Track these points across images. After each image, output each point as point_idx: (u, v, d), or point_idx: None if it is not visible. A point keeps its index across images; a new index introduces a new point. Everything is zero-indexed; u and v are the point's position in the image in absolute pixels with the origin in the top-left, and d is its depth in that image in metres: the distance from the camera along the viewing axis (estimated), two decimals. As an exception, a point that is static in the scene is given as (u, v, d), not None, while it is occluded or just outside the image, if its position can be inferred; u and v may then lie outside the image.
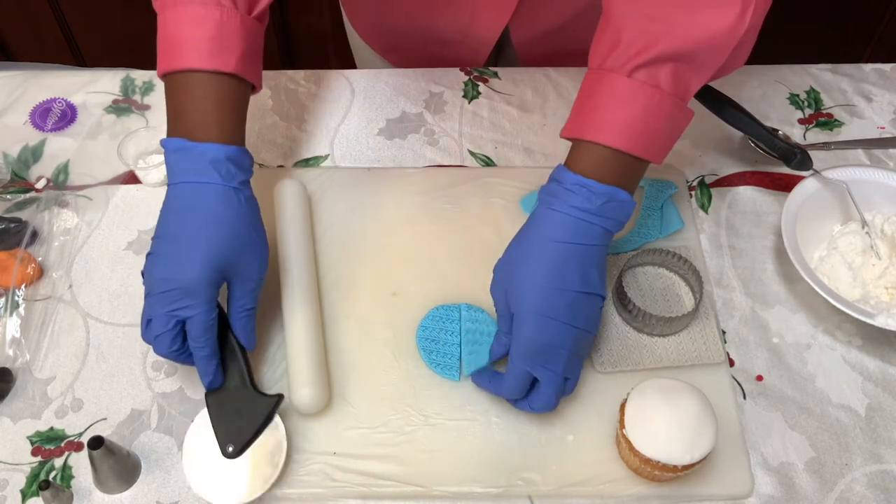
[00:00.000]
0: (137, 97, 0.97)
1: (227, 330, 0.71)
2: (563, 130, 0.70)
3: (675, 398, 0.65)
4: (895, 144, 0.93)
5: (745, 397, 0.75)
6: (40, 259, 0.82)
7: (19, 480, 0.70)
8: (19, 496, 0.69)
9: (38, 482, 0.69)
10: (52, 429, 0.73)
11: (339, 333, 0.78)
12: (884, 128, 0.95)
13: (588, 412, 0.73)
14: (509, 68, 1.00)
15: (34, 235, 0.84)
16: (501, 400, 0.73)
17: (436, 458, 0.71)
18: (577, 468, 0.70)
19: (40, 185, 0.89)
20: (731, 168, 0.91)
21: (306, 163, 0.91)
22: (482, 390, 0.73)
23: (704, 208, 0.88)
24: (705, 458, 0.64)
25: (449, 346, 0.76)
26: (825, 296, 0.74)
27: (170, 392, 0.75)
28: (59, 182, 0.89)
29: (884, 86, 0.99)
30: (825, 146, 0.93)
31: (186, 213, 0.68)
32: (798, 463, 0.71)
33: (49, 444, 0.72)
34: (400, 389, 0.74)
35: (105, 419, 0.73)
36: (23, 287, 0.80)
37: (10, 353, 0.76)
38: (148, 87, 0.98)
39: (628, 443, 0.66)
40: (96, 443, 0.65)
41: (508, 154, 0.92)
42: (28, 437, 0.72)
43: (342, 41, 1.17)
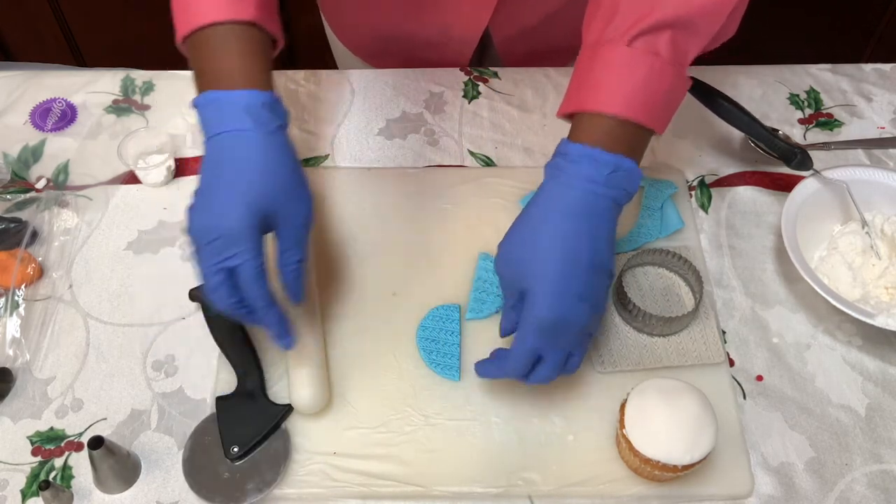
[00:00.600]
0: (137, 97, 0.97)
1: (246, 336, 0.71)
2: (562, 108, 0.69)
3: (675, 398, 0.65)
4: (895, 144, 0.93)
5: (745, 397, 0.75)
6: (40, 259, 0.82)
7: (19, 480, 0.70)
8: (19, 496, 0.69)
9: (38, 482, 0.69)
10: (52, 429, 0.73)
11: (339, 333, 0.78)
12: (884, 128, 0.95)
13: (588, 412, 0.73)
14: (509, 68, 1.00)
15: (34, 235, 0.84)
16: (501, 400, 0.73)
17: (436, 458, 0.71)
18: (577, 468, 0.70)
19: (40, 185, 0.89)
20: (731, 168, 0.91)
21: (306, 163, 0.91)
22: (482, 381, 0.72)
23: (704, 208, 0.88)
24: (705, 458, 0.64)
25: (449, 346, 0.76)
26: (825, 296, 0.74)
27: (170, 392, 0.75)
28: (59, 182, 0.89)
29: (884, 86, 0.99)
30: (825, 146, 0.93)
31: (223, 162, 0.65)
32: (798, 463, 0.71)
33: (49, 444, 0.72)
34: (400, 389, 0.74)
35: (105, 419, 0.73)
36: (23, 287, 0.80)
37: (10, 353, 0.76)
38: (148, 87, 0.98)
39: (628, 443, 0.66)
40: (96, 443, 0.65)
41: (508, 154, 0.92)
42: (28, 437, 0.72)
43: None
